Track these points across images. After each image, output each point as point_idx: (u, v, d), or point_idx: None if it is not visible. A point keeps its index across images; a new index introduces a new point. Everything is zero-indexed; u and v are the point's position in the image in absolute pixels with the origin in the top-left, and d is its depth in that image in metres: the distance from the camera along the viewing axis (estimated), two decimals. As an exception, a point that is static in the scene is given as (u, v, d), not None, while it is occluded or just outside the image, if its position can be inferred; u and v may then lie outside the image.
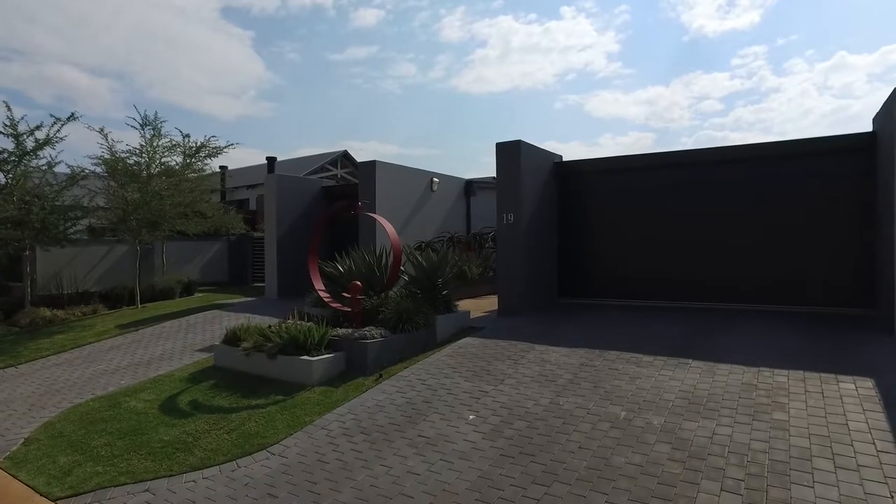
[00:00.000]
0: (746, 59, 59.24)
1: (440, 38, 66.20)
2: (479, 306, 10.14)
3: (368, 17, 65.90)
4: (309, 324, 7.06)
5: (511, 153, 8.96)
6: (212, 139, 14.54)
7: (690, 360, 5.99)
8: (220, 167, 23.08)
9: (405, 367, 6.51)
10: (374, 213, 10.14)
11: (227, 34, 58.29)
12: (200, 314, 10.98)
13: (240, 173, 26.55)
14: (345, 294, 7.55)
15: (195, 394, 6.31)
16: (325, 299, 7.85)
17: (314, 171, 25.63)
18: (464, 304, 8.64)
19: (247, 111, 60.51)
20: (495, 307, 9.93)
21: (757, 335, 6.98)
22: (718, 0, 58.07)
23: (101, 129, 12.01)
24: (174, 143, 13.49)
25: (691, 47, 63.44)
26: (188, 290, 14.02)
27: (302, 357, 6.34)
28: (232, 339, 7.26)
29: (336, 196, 13.80)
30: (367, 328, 6.89)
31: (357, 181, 12.05)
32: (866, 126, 8.24)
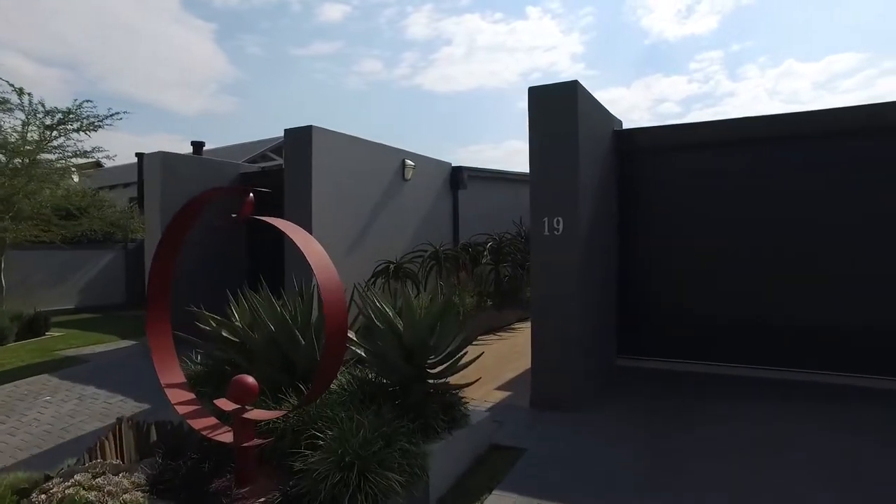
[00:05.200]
0: (703, 64, 58.79)
1: (406, 35, 62.25)
2: (484, 367, 6.05)
3: (334, 12, 61.33)
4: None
5: (560, 107, 4.85)
6: (84, 104, 10.00)
7: None
8: (136, 154, 18.31)
9: None
10: (306, 214, 5.91)
11: (188, 26, 52.56)
12: (10, 386, 6.43)
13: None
14: (221, 404, 3.29)
15: None
16: (180, 410, 3.54)
17: (252, 161, 20.96)
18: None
19: (208, 106, 55.00)
20: (510, 366, 6.05)
21: None
22: (678, 5, 57.04)
23: None
24: (5, 103, 8.84)
25: (652, 50, 62.32)
26: (34, 327, 9.31)
27: None
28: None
29: (261, 186, 9.38)
30: (258, 520, 2.67)
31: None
32: None
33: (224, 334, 4.55)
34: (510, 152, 60.29)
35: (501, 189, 10.80)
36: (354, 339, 3.80)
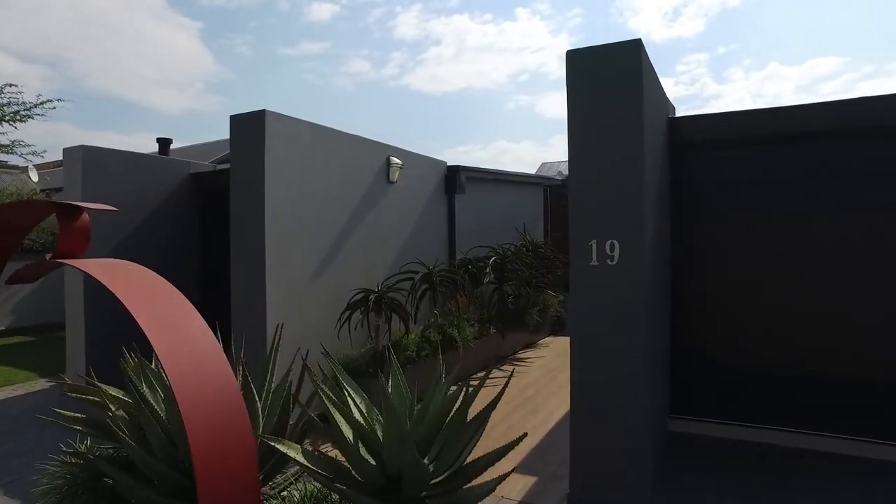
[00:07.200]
0: (690, 66, 58.84)
1: (395, 35, 61.24)
2: (493, 425, 4.50)
3: (322, 11, 60.09)
4: None
5: (618, 80, 3.31)
6: (6, 88, 8.39)
7: None
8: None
9: None
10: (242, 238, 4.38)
11: (174, 24, 50.64)
12: None
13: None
14: None
15: None
16: None
17: (223, 160, 19.19)
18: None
19: (194, 105, 53.35)
20: (527, 423, 4.61)
21: None
22: (664, 8, 57.04)
23: None
24: None
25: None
26: (-68, 361, 7.58)
27: None
28: None
29: (215, 189, 7.78)
30: None
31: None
32: None
33: (108, 419, 2.97)
34: (497, 152, 59.08)
35: (504, 193, 9.29)
36: (301, 460, 2.23)
